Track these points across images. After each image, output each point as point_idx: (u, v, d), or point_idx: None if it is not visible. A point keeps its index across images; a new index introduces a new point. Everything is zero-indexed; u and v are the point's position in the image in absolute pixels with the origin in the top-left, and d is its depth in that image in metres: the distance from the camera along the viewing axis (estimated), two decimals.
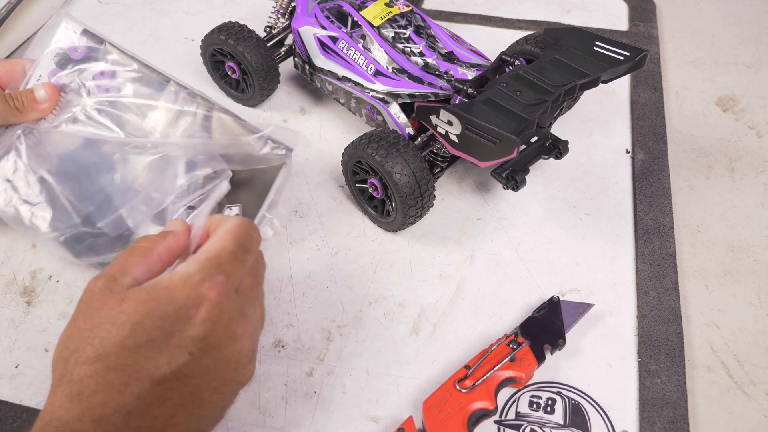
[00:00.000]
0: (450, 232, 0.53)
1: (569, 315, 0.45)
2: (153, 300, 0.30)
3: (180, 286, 0.31)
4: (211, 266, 0.32)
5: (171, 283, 0.31)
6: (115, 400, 0.29)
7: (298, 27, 0.58)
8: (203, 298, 0.31)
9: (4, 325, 0.47)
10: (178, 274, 0.32)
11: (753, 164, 0.58)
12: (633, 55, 0.46)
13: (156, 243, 0.34)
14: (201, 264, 0.32)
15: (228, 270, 0.33)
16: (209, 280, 0.31)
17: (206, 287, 0.31)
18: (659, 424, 0.41)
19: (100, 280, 0.32)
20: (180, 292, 0.31)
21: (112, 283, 0.31)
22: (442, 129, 0.46)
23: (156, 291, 0.31)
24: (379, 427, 0.41)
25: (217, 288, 0.31)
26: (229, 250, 0.33)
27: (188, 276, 0.31)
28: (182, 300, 0.31)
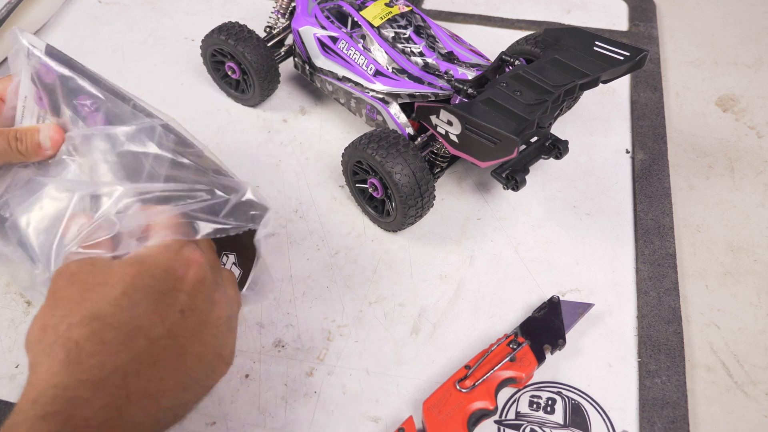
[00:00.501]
0: (450, 232, 0.53)
1: (569, 315, 0.45)
2: (140, 263, 0.31)
3: (163, 252, 0.32)
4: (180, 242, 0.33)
5: (151, 252, 0.32)
6: (112, 361, 0.29)
7: (298, 27, 0.58)
8: (189, 260, 0.32)
9: (4, 325, 0.47)
10: (155, 246, 0.32)
11: (753, 164, 0.58)
12: (633, 55, 0.46)
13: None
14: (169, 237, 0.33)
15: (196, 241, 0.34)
16: (188, 245, 0.33)
17: (188, 251, 0.33)
18: (659, 424, 0.41)
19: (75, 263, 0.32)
20: (164, 256, 0.32)
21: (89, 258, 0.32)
22: (442, 129, 0.46)
23: (140, 257, 0.32)
24: (379, 427, 0.41)
25: (197, 252, 0.33)
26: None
27: (167, 244, 0.32)
28: (169, 262, 0.32)
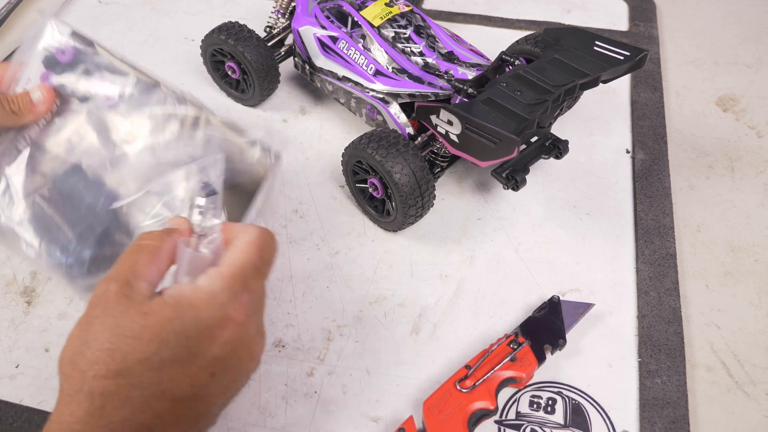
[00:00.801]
0: (450, 232, 0.53)
1: (569, 315, 0.45)
2: (179, 319, 0.29)
3: (206, 305, 0.30)
4: (236, 284, 0.31)
5: (197, 300, 0.30)
6: (136, 418, 0.28)
7: (298, 27, 0.58)
8: (229, 320, 0.30)
9: (4, 325, 0.47)
10: (204, 292, 0.30)
11: (753, 164, 0.58)
12: (633, 54, 0.46)
13: (162, 240, 0.33)
14: (226, 281, 0.31)
15: (251, 286, 0.32)
16: (235, 300, 0.31)
17: (232, 308, 0.31)
18: (659, 424, 0.41)
19: (112, 284, 0.30)
20: (206, 312, 0.30)
21: (127, 289, 0.30)
22: (442, 129, 0.46)
23: (182, 309, 0.30)
24: (379, 427, 0.41)
25: (242, 309, 0.31)
26: (253, 264, 0.32)
27: (214, 295, 0.30)
28: (208, 320, 0.30)
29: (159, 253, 0.32)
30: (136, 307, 0.29)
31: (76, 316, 0.47)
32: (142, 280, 0.31)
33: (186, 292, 0.30)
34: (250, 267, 0.32)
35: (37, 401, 0.42)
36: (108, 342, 0.29)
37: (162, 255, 0.32)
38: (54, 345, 0.45)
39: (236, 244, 0.33)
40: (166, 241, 0.33)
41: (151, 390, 0.29)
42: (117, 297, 0.30)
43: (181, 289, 0.31)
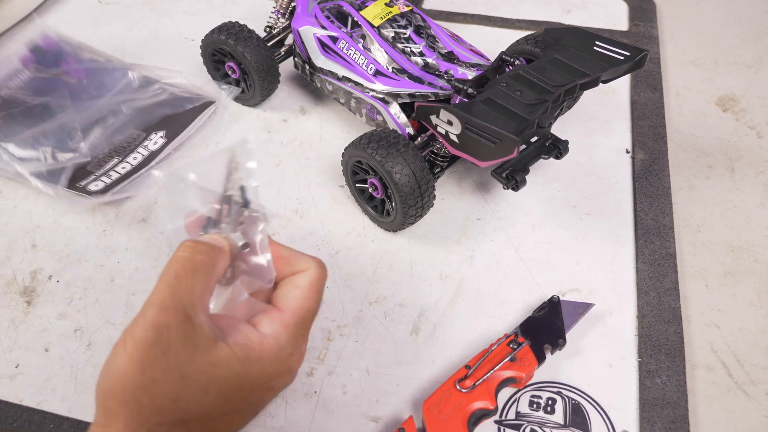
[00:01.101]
0: (450, 232, 0.53)
1: (569, 315, 0.45)
2: (246, 375, 0.29)
3: (273, 361, 0.30)
4: (299, 334, 0.31)
5: (264, 354, 0.30)
6: None
7: (298, 27, 0.58)
8: (289, 371, 0.32)
9: (4, 325, 0.47)
10: (270, 345, 0.30)
11: (753, 164, 0.58)
12: (633, 55, 0.46)
13: (215, 257, 0.30)
14: (291, 332, 0.31)
15: (308, 332, 0.33)
16: (297, 351, 0.31)
17: (294, 360, 0.31)
18: (659, 424, 0.41)
19: (171, 316, 0.27)
20: (271, 367, 0.30)
21: (190, 328, 0.27)
22: (442, 129, 0.46)
23: (250, 363, 0.29)
24: (379, 427, 0.41)
25: (301, 359, 0.32)
26: (314, 311, 0.32)
27: (281, 348, 0.30)
28: (272, 373, 0.30)
29: (214, 274, 0.30)
30: (203, 355, 0.27)
31: (77, 316, 0.47)
32: (201, 311, 0.28)
33: (253, 343, 0.29)
34: (310, 315, 0.32)
35: (37, 401, 0.42)
36: (173, 391, 0.27)
37: (216, 275, 0.30)
38: (54, 345, 0.45)
39: (299, 284, 0.32)
40: (218, 258, 0.30)
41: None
42: (181, 339, 0.27)
43: (248, 337, 0.29)
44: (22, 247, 0.52)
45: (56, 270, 0.50)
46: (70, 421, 0.41)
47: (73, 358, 0.45)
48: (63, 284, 0.49)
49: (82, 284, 0.49)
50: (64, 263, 0.50)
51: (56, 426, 0.41)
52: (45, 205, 0.55)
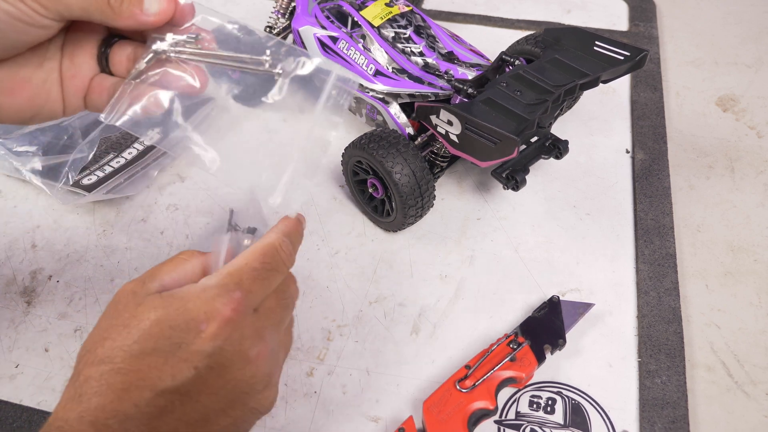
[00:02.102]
0: (450, 232, 0.53)
1: (569, 315, 0.45)
2: (164, 308, 0.29)
3: (194, 298, 0.30)
4: (230, 282, 0.31)
5: (186, 293, 0.30)
6: (112, 404, 0.28)
7: (298, 27, 0.58)
8: (216, 313, 0.30)
9: (4, 325, 0.47)
10: (196, 286, 0.31)
11: (753, 164, 0.58)
12: (633, 55, 0.46)
13: (192, 256, 0.33)
14: (220, 278, 0.31)
15: (248, 287, 0.31)
16: (225, 295, 0.30)
17: (221, 302, 0.30)
18: (659, 424, 0.41)
19: (131, 283, 0.31)
20: (193, 304, 0.30)
21: (139, 287, 0.31)
22: (442, 129, 0.46)
23: (170, 300, 0.30)
24: (379, 427, 0.41)
25: (231, 304, 0.30)
26: (252, 266, 0.32)
27: (204, 289, 0.30)
28: (194, 312, 0.30)
29: (183, 265, 0.33)
30: (135, 299, 0.30)
31: (76, 316, 0.47)
32: (156, 281, 0.31)
33: (181, 288, 0.31)
34: (247, 269, 0.31)
35: (37, 401, 0.42)
36: (105, 331, 0.30)
37: (186, 267, 0.33)
38: (54, 345, 0.45)
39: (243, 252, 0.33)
40: (197, 257, 0.33)
41: (130, 377, 0.28)
42: (127, 294, 0.31)
43: (178, 283, 0.32)
44: (22, 247, 0.52)
45: (56, 270, 0.50)
46: None
47: (73, 358, 0.45)
48: (63, 284, 0.49)
49: (82, 284, 0.49)
50: (64, 263, 0.50)
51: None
52: (45, 205, 0.55)
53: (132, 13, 0.31)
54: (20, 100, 0.34)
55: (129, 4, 0.31)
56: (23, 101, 0.34)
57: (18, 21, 0.29)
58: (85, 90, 0.36)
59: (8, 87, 0.33)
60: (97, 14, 0.31)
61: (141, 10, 0.32)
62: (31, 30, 0.30)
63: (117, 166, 0.55)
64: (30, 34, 0.30)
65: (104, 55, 0.35)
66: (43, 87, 0.34)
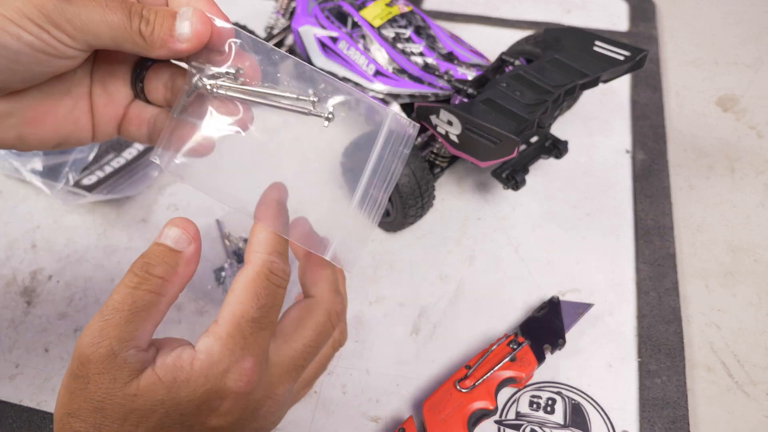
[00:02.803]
0: (450, 232, 0.53)
1: (569, 315, 0.45)
2: (172, 399, 0.26)
3: (203, 380, 0.27)
4: (236, 347, 0.27)
5: (192, 373, 0.27)
6: None
7: (297, 27, 0.58)
8: (229, 392, 0.27)
9: (4, 325, 0.47)
10: (200, 361, 0.27)
11: (753, 164, 0.58)
12: (633, 55, 0.46)
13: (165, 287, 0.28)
14: (225, 344, 0.27)
15: (253, 344, 0.28)
16: (236, 369, 0.27)
17: (232, 379, 0.27)
18: (659, 424, 0.41)
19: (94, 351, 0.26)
20: (203, 387, 0.27)
21: (110, 362, 0.26)
22: (442, 129, 0.46)
23: (177, 387, 0.26)
24: (379, 427, 0.41)
25: (244, 378, 0.27)
26: (250, 317, 0.28)
27: (211, 365, 0.27)
28: (205, 396, 0.27)
29: (158, 308, 0.28)
30: (122, 387, 0.26)
31: (76, 316, 0.47)
32: (131, 347, 0.27)
33: (183, 363, 0.27)
34: (246, 323, 0.28)
35: (37, 401, 0.42)
36: (95, 421, 0.26)
37: (161, 307, 0.28)
38: (54, 345, 0.45)
39: (233, 288, 0.28)
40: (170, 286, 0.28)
41: None
42: (99, 374, 0.26)
43: (179, 357, 0.27)
44: (22, 247, 0.52)
45: (56, 270, 0.50)
46: None
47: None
48: (63, 284, 0.49)
49: (82, 284, 0.49)
50: (64, 263, 0.50)
51: None
52: (45, 205, 0.55)
53: (164, 41, 0.28)
54: (44, 131, 0.31)
55: (160, 30, 0.28)
56: (48, 131, 0.31)
57: (41, 53, 0.27)
58: (120, 118, 0.32)
59: (31, 117, 0.30)
60: (128, 44, 0.28)
61: (173, 36, 0.29)
62: (56, 61, 0.27)
63: (117, 166, 0.55)
64: (54, 65, 0.28)
65: (139, 80, 0.32)
66: (71, 116, 0.31)
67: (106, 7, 0.27)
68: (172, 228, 0.29)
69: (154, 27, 0.28)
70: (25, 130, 0.30)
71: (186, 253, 0.29)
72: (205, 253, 0.50)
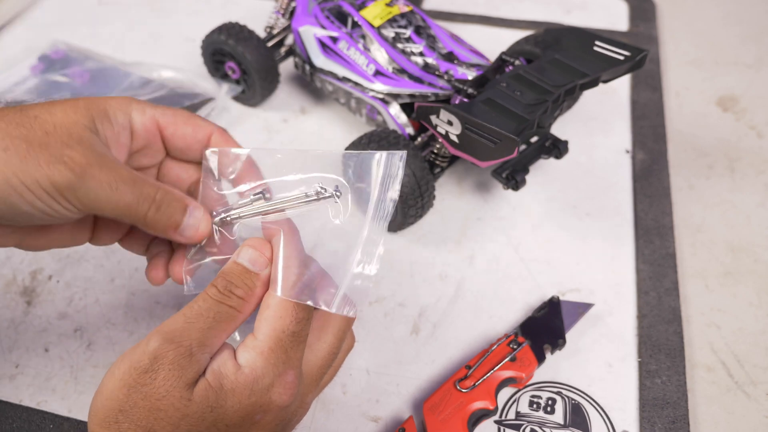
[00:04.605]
0: (450, 232, 0.53)
1: (569, 315, 0.45)
2: (221, 407, 0.27)
3: (248, 392, 0.28)
4: (278, 361, 0.29)
5: (238, 386, 0.28)
6: None
7: (298, 27, 0.58)
8: (272, 405, 0.29)
9: (4, 325, 0.47)
10: (245, 375, 0.28)
11: (753, 164, 0.58)
12: (633, 55, 0.46)
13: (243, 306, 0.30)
14: (267, 360, 0.28)
15: (293, 357, 0.29)
16: (279, 383, 0.29)
17: (276, 393, 0.29)
18: (659, 424, 0.41)
19: (172, 349, 0.27)
20: (248, 399, 0.28)
21: (186, 361, 0.27)
22: (442, 129, 0.46)
23: (224, 396, 0.27)
24: (379, 427, 0.41)
25: (287, 392, 0.29)
26: (290, 332, 0.29)
27: (255, 380, 0.28)
28: (250, 408, 0.28)
29: (236, 321, 0.30)
30: (181, 391, 0.27)
31: (76, 316, 0.47)
32: (206, 351, 0.28)
33: (228, 372, 0.28)
34: (288, 336, 0.29)
35: (37, 401, 0.42)
36: (145, 420, 0.26)
37: (237, 323, 0.30)
38: (54, 345, 0.45)
39: (269, 303, 0.30)
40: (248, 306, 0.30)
41: None
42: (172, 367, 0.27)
43: (224, 365, 0.28)
44: None
45: (56, 270, 0.50)
46: (70, 421, 0.41)
47: (73, 358, 0.45)
48: (63, 284, 0.49)
49: (82, 284, 0.49)
50: (64, 263, 0.50)
51: (56, 426, 0.41)
52: None
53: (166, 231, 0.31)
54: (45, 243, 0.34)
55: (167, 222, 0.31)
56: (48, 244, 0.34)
57: (48, 216, 0.29)
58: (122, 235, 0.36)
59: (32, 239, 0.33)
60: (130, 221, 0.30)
61: (176, 230, 0.31)
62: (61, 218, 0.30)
63: None
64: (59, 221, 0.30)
65: None
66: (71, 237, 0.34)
67: (117, 190, 0.29)
68: (249, 250, 0.31)
69: (162, 217, 0.30)
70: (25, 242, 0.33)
71: (263, 275, 0.30)
72: None
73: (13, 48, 0.71)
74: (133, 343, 0.45)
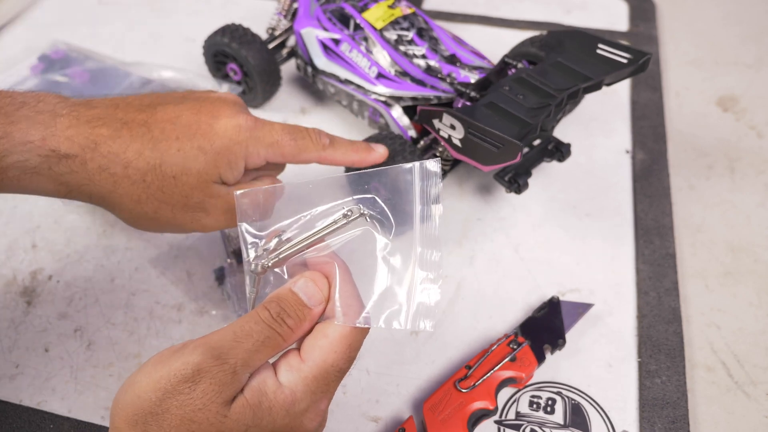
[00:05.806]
0: (450, 232, 0.53)
1: (569, 315, 0.45)
2: (255, 427, 0.28)
3: (283, 413, 0.28)
4: (319, 390, 0.29)
5: (275, 405, 0.28)
6: None
7: (300, 29, 0.58)
8: (302, 428, 0.29)
9: (4, 325, 0.47)
10: (284, 396, 0.28)
11: (753, 164, 0.58)
12: (636, 58, 0.46)
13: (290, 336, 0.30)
14: (309, 386, 0.29)
15: (332, 390, 0.30)
16: (313, 408, 0.29)
17: (308, 419, 0.29)
18: (659, 424, 0.41)
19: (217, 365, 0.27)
20: (282, 420, 0.28)
21: (228, 378, 0.27)
22: (445, 133, 0.46)
23: (261, 414, 0.28)
24: (379, 427, 0.41)
25: (318, 418, 0.29)
26: (341, 367, 0.29)
27: (294, 402, 0.28)
28: (282, 429, 0.28)
29: (278, 349, 0.30)
30: (218, 406, 0.27)
31: (76, 316, 0.47)
32: (248, 371, 0.28)
33: (267, 390, 0.28)
34: (335, 371, 0.29)
35: (37, 401, 0.43)
36: (176, 429, 0.26)
37: (280, 350, 0.30)
38: (54, 345, 0.45)
39: (327, 334, 0.30)
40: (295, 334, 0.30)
41: None
42: (213, 382, 0.27)
43: (264, 382, 0.29)
44: (22, 247, 0.52)
45: (56, 270, 0.50)
46: (70, 421, 0.41)
47: (73, 358, 0.45)
48: (63, 284, 0.49)
49: (82, 284, 0.49)
50: (64, 263, 0.50)
51: (56, 426, 0.41)
52: (45, 205, 0.55)
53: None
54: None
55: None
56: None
57: None
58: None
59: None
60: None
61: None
62: None
63: None
64: None
65: None
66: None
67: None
68: (309, 283, 0.31)
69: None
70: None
71: (315, 312, 0.30)
72: (205, 253, 0.50)
73: (13, 48, 0.71)
74: (133, 343, 0.45)
